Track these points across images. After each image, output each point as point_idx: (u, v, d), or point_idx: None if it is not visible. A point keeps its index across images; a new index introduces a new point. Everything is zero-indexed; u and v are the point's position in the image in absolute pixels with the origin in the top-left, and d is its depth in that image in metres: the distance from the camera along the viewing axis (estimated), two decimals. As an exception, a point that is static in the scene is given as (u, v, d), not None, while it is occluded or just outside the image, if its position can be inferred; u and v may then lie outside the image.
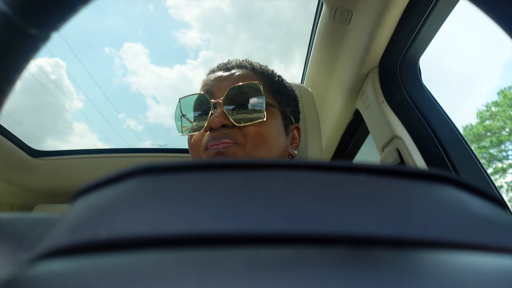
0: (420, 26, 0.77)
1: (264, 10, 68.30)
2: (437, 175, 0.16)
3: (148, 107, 58.77)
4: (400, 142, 0.80)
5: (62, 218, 0.16)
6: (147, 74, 59.47)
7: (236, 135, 0.56)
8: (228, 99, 0.57)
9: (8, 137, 1.13)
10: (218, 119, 0.55)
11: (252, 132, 0.57)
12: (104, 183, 0.16)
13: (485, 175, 0.72)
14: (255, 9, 68.23)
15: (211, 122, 0.55)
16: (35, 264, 0.13)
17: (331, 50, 0.99)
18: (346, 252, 0.11)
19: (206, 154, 0.56)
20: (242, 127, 0.56)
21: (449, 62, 33.66)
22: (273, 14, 71.35)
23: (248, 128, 0.57)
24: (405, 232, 0.12)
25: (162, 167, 0.15)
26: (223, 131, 0.56)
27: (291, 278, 0.10)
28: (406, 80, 0.88)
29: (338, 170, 0.15)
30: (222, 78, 0.61)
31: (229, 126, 0.56)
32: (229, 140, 0.55)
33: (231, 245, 0.12)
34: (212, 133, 0.56)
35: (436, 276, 0.10)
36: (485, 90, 29.17)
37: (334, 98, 1.12)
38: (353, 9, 0.82)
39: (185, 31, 74.36)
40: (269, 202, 0.13)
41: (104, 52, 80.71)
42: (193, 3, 72.84)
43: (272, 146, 0.59)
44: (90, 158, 1.30)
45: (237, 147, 0.55)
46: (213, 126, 0.55)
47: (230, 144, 0.55)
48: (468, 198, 0.15)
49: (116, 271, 0.11)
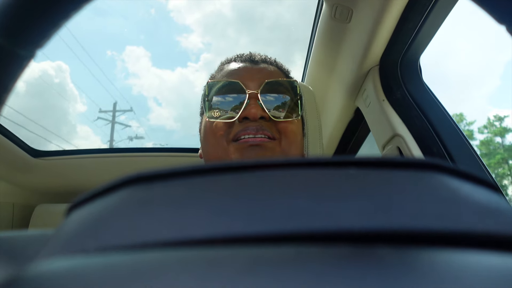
0: (421, 24, 0.77)
1: (265, 15, 68.23)
2: (427, 163, 0.15)
3: (150, 109, 58.64)
4: (401, 140, 0.80)
5: (55, 233, 0.16)
6: (148, 76, 59.37)
7: (271, 129, 0.55)
8: (264, 92, 0.56)
9: (9, 137, 1.13)
10: (256, 111, 0.54)
11: (287, 128, 0.56)
12: (96, 195, 0.16)
13: (485, 172, 0.72)
14: (256, 13, 68.16)
15: (249, 112, 0.54)
16: (36, 264, 0.13)
17: (331, 48, 0.98)
18: (346, 250, 0.11)
19: (235, 144, 0.54)
20: (277, 122, 0.56)
21: (448, 63, 33.55)
22: (274, 20, 71.27)
23: (284, 124, 0.56)
24: (395, 224, 0.12)
25: (152, 175, 0.15)
26: (261, 123, 0.55)
27: (292, 276, 0.10)
28: (407, 78, 0.88)
29: (328, 165, 0.15)
30: (254, 70, 0.60)
31: (266, 119, 0.55)
32: (268, 133, 0.54)
33: (228, 247, 0.12)
34: (248, 123, 0.54)
35: (437, 274, 0.10)
36: (485, 92, 29.08)
37: (335, 97, 1.12)
38: (353, 8, 0.82)
39: (187, 35, 74.26)
40: (261, 202, 0.13)
41: (106, 55, 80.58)
42: (194, 7, 72.74)
43: (299, 144, 0.60)
44: (91, 158, 1.30)
45: (274, 143, 0.55)
46: (251, 117, 0.54)
47: (267, 139, 0.54)
48: (459, 184, 0.15)
49: (117, 271, 0.11)
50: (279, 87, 0.58)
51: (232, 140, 0.55)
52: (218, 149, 0.56)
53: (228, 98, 0.57)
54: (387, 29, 0.80)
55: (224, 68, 0.64)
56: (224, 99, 0.57)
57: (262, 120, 0.55)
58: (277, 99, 0.57)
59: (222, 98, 0.57)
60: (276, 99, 0.57)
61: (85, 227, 0.14)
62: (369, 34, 0.82)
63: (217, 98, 0.57)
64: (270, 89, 0.56)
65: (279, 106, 0.57)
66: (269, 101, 0.56)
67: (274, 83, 0.57)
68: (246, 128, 0.54)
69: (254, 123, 0.54)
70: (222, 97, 0.57)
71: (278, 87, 0.57)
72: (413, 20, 0.77)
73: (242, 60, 0.64)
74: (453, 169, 0.16)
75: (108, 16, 79.49)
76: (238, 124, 0.55)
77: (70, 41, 10.58)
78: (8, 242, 0.18)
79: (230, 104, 0.56)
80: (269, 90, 0.56)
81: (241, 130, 0.54)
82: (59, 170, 1.28)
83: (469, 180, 0.16)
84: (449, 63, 34.85)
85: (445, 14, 0.76)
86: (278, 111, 0.56)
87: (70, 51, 11.55)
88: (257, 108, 0.54)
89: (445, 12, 0.76)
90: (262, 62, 0.64)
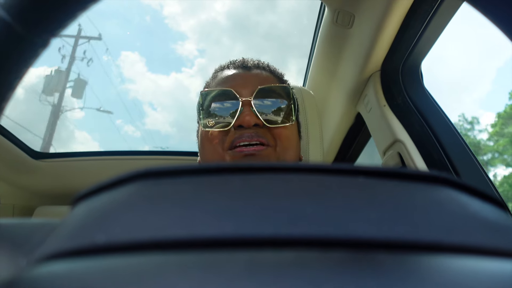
0: (422, 30, 0.78)
1: (260, 23, 68.78)
2: (436, 176, 0.15)
3: (145, 114, 58.76)
4: (402, 146, 0.80)
5: (61, 223, 0.16)
6: (143, 81, 59.59)
7: (266, 135, 0.55)
8: (257, 99, 0.56)
9: (10, 139, 1.14)
10: (250, 118, 0.54)
11: (282, 134, 0.57)
12: (103, 188, 0.16)
13: (486, 179, 0.71)
14: (251, 22, 68.77)
15: (243, 120, 0.54)
16: (36, 266, 0.13)
17: (333, 53, 0.99)
18: (346, 256, 0.11)
19: (231, 153, 0.55)
20: (271, 128, 0.56)
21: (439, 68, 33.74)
22: (268, 28, 71.86)
23: (278, 130, 0.56)
24: (403, 235, 0.12)
25: (161, 171, 0.15)
26: (255, 130, 0.55)
27: (291, 281, 0.10)
28: (408, 84, 0.88)
29: (337, 172, 0.15)
30: (247, 77, 0.61)
31: (260, 126, 0.55)
32: (263, 140, 0.54)
33: (231, 248, 0.11)
34: (242, 130, 0.55)
35: (436, 280, 0.10)
36: (476, 96, 29.20)
37: (336, 102, 1.12)
38: (355, 13, 0.83)
39: (182, 43, 74.76)
40: (268, 205, 0.13)
41: (102, 61, 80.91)
42: (189, 14, 73.35)
43: (296, 149, 0.60)
44: (91, 160, 1.30)
45: (270, 150, 0.55)
46: (245, 125, 0.54)
47: (262, 147, 0.54)
48: (467, 199, 0.15)
49: (118, 272, 0.11)
50: (272, 93, 0.58)
51: (228, 148, 0.55)
52: (214, 156, 0.57)
53: (222, 106, 0.58)
54: (388, 34, 0.81)
55: (218, 75, 0.64)
56: (218, 107, 0.58)
57: (257, 127, 0.55)
58: (271, 105, 0.57)
59: (216, 107, 0.58)
60: (270, 105, 0.57)
61: (94, 219, 0.14)
62: (370, 40, 0.83)
63: (211, 107, 0.58)
64: (263, 95, 0.57)
65: (273, 112, 0.57)
66: (262, 107, 0.56)
67: (267, 89, 0.57)
68: (241, 135, 0.54)
69: (248, 130, 0.54)
70: (216, 105, 0.58)
71: (271, 93, 0.57)
72: (414, 26, 0.77)
73: (235, 67, 0.64)
74: (462, 184, 0.16)
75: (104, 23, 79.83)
76: (233, 131, 0.56)
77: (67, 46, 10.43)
78: (12, 229, 0.18)
79: (224, 112, 0.57)
80: (262, 96, 0.57)
81: (236, 138, 0.54)
82: (60, 172, 1.29)
83: (477, 196, 0.16)
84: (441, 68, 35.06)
85: (446, 21, 0.76)
86: (272, 117, 0.56)
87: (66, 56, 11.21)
88: (250, 115, 0.54)
89: (447, 18, 0.76)
90: (255, 68, 0.64)
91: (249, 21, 69.38)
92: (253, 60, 0.67)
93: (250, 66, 0.64)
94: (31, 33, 0.21)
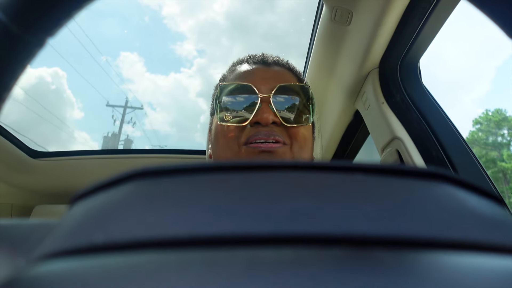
0: (420, 27, 0.77)
1: (259, 23, 68.79)
2: (433, 173, 0.16)
3: (145, 114, 58.57)
4: (400, 143, 0.80)
5: (59, 223, 0.16)
6: (143, 82, 59.47)
7: (282, 134, 0.54)
8: (276, 96, 0.55)
9: (8, 138, 1.13)
10: (268, 115, 0.53)
11: (299, 133, 0.56)
12: (101, 187, 0.16)
13: (485, 176, 0.72)
14: (250, 22, 68.74)
15: (261, 117, 0.53)
16: (35, 266, 0.13)
17: (331, 51, 0.99)
18: (345, 253, 0.11)
19: (247, 148, 0.53)
20: (288, 127, 0.55)
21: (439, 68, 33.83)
22: (267, 28, 71.86)
23: (296, 129, 0.55)
24: (401, 231, 0.12)
25: (159, 170, 0.15)
26: (272, 128, 0.54)
27: (291, 278, 0.10)
28: (406, 81, 0.88)
29: (335, 170, 0.15)
30: (267, 73, 0.59)
31: (278, 124, 0.55)
32: (279, 138, 0.53)
33: (231, 246, 0.11)
34: (259, 128, 0.54)
35: (436, 277, 0.10)
36: (475, 95, 29.33)
37: (334, 99, 1.13)
38: (353, 10, 0.82)
39: (181, 43, 74.69)
40: (267, 203, 0.13)
41: (101, 61, 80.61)
42: (187, 14, 73.15)
43: (310, 149, 0.59)
44: (89, 159, 1.30)
45: (286, 148, 0.54)
46: (263, 122, 0.53)
47: (279, 144, 0.53)
48: (465, 195, 0.15)
49: (117, 272, 0.11)
50: (292, 91, 0.56)
51: (243, 143, 0.54)
52: (228, 151, 0.56)
53: (239, 101, 0.56)
54: (387, 31, 0.81)
55: (236, 69, 0.63)
56: (236, 102, 0.56)
57: (274, 125, 0.54)
58: (289, 103, 0.56)
59: (234, 101, 0.56)
60: (288, 103, 0.55)
61: (92, 219, 0.14)
62: (369, 37, 0.82)
63: (228, 101, 0.56)
64: (283, 93, 0.55)
65: (291, 110, 0.55)
66: (281, 105, 0.55)
67: (287, 87, 0.56)
68: (257, 133, 0.53)
69: (265, 128, 0.53)
70: (233, 99, 0.56)
71: (290, 91, 0.56)
72: (412, 23, 0.77)
73: (254, 62, 0.63)
74: (460, 180, 0.16)
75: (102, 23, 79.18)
76: (249, 128, 0.54)
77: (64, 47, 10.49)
78: (10, 229, 0.18)
79: (241, 107, 0.56)
80: (281, 94, 0.55)
81: (252, 134, 0.53)
82: (58, 171, 1.28)
83: (475, 192, 0.16)
84: (440, 67, 35.17)
85: (445, 18, 0.76)
86: (289, 116, 0.55)
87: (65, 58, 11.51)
88: (269, 112, 0.53)
89: (445, 15, 0.76)
90: (274, 65, 0.62)
91: (248, 21, 69.48)
92: (273, 56, 0.65)
93: (270, 63, 0.62)
94: (27, 33, 0.21)
